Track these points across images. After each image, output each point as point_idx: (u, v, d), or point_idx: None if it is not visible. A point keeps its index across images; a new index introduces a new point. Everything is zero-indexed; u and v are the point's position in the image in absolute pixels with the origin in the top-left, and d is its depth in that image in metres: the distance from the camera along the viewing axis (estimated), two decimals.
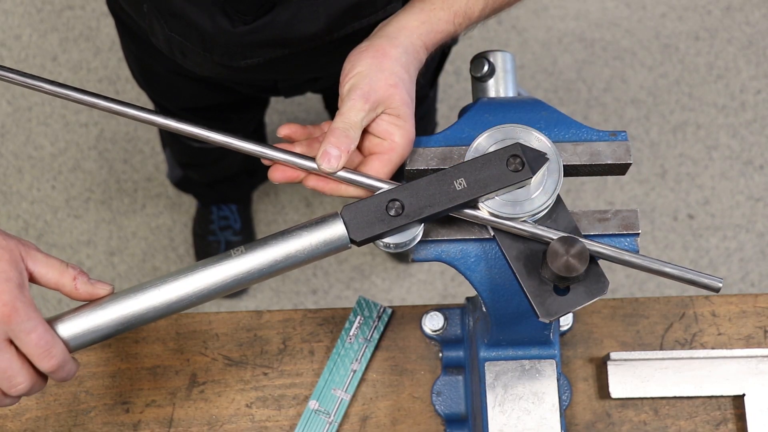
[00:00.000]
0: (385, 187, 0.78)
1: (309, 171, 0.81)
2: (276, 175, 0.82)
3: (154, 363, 1.03)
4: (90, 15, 2.27)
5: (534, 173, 0.76)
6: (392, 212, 0.76)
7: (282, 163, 0.81)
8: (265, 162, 0.83)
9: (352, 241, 0.77)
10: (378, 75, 0.80)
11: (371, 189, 0.79)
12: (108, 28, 2.26)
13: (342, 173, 0.79)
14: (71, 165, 2.16)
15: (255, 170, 1.98)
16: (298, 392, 1.02)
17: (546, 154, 0.77)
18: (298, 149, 0.83)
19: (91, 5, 2.28)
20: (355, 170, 0.80)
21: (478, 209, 0.78)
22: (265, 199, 2.14)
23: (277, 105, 2.19)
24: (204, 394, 1.02)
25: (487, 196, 0.76)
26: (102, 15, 2.27)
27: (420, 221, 0.77)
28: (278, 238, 0.76)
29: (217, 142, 0.82)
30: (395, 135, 0.80)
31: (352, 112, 0.79)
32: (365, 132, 0.81)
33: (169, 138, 1.73)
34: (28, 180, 2.15)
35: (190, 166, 1.81)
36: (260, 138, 1.82)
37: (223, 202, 2.04)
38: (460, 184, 0.76)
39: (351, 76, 0.81)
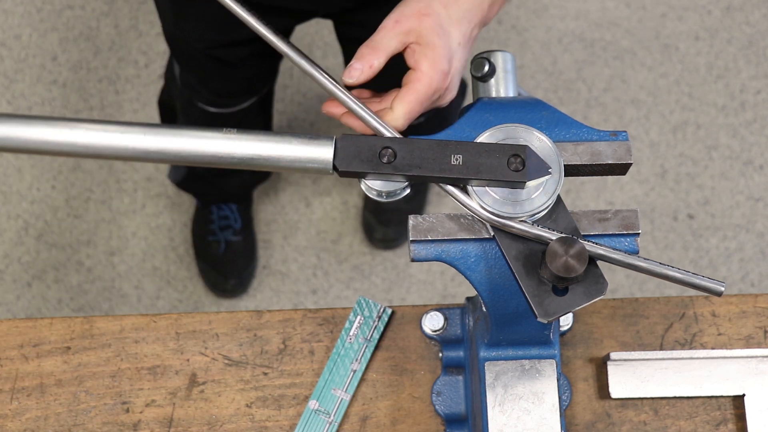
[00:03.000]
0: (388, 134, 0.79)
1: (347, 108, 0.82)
2: (329, 108, 0.84)
3: (154, 363, 1.03)
4: (90, 15, 2.27)
5: (529, 180, 0.76)
6: (384, 159, 0.76)
7: (321, 85, 0.81)
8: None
9: (335, 168, 0.77)
10: (412, 3, 0.82)
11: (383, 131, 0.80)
12: (108, 27, 2.26)
13: (362, 112, 0.79)
14: (71, 165, 2.16)
15: None
16: (298, 392, 1.02)
17: (549, 168, 0.77)
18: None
19: (91, 5, 2.28)
20: (375, 113, 0.81)
21: (467, 193, 0.78)
22: (265, 199, 2.14)
23: (277, 105, 2.19)
24: (204, 394, 1.02)
25: (477, 182, 0.77)
26: (102, 15, 2.27)
27: (405, 178, 0.77)
28: (270, 135, 0.77)
29: (275, 45, 0.81)
30: (423, 64, 0.81)
31: (380, 33, 0.81)
32: (407, 67, 0.83)
33: (182, 119, 1.71)
34: (28, 180, 2.15)
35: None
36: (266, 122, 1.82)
37: (224, 201, 2.04)
38: (457, 159, 0.76)
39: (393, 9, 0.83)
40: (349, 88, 0.83)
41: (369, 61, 0.81)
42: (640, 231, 0.81)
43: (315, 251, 2.10)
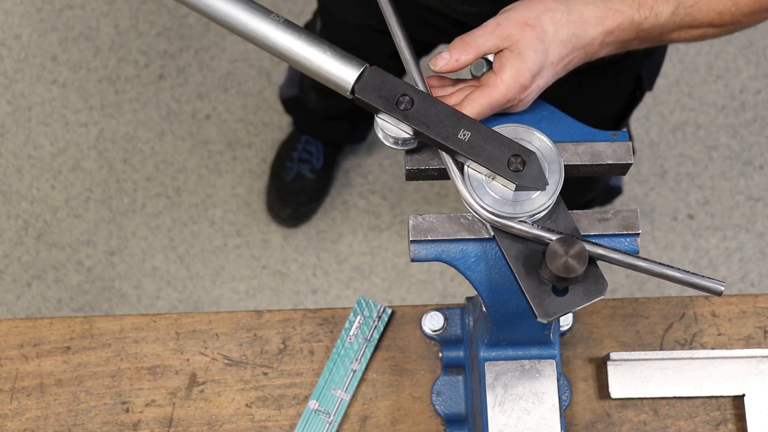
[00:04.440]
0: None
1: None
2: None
3: (154, 363, 1.03)
4: (90, 15, 2.27)
5: (522, 185, 0.76)
6: (401, 105, 0.78)
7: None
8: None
9: (353, 92, 0.79)
10: (521, 11, 0.81)
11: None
12: (108, 27, 2.26)
13: (412, 66, 0.81)
14: (71, 165, 2.16)
15: (358, 121, 1.96)
16: (298, 392, 1.02)
17: (546, 184, 0.77)
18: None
19: (91, 5, 2.28)
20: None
21: (461, 170, 0.78)
22: (265, 199, 2.14)
23: (277, 105, 2.19)
24: (204, 394, 1.02)
25: (474, 163, 0.77)
26: (102, 15, 2.27)
27: (412, 130, 0.78)
28: (310, 37, 0.80)
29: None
30: (505, 73, 0.80)
31: (479, 30, 0.81)
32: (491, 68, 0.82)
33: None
34: (27, 180, 2.15)
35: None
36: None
37: (314, 136, 2.05)
38: (464, 135, 0.77)
39: (504, 7, 0.82)
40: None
41: (457, 55, 0.80)
42: (640, 231, 0.81)
43: (315, 251, 2.10)
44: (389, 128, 0.79)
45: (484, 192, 0.78)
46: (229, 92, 2.21)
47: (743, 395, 0.99)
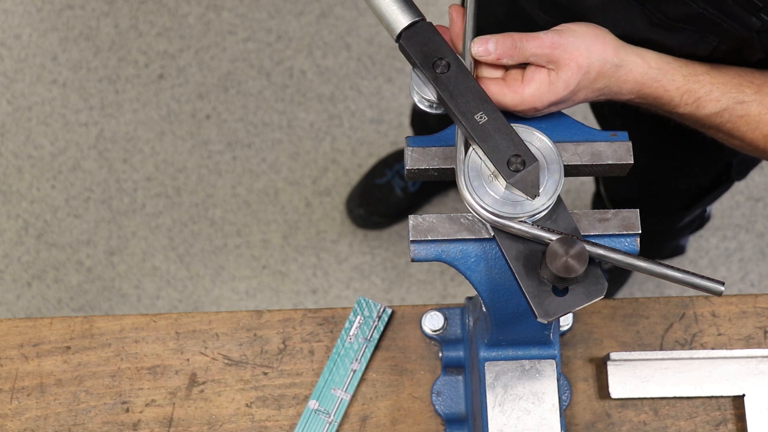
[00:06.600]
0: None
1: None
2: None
3: (154, 363, 1.03)
4: (90, 15, 2.27)
5: (510, 184, 0.76)
6: (438, 68, 0.79)
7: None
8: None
9: (399, 37, 0.80)
10: (580, 45, 0.80)
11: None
12: (108, 27, 2.26)
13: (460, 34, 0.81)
14: (71, 164, 2.16)
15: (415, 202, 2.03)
16: (298, 392, 1.02)
17: (536, 195, 0.77)
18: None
19: (91, 5, 2.28)
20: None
21: (465, 152, 0.79)
22: (265, 199, 2.14)
23: (277, 105, 2.19)
24: (204, 394, 1.02)
25: (476, 147, 0.78)
26: (102, 15, 2.27)
27: (435, 93, 0.79)
28: None
29: None
30: (529, 88, 0.79)
31: (534, 41, 0.79)
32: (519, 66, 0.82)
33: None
34: (27, 179, 2.15)
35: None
36: None
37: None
38: (481, 118, 0.78)
39: (571, 24, 0.81)
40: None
41: (501, 54, 0.79)
42: (640, 231, 0.80)
43: (315, 251, 2.10)
44: (426, 93, 0.80)
45: (484, 192, 0.78)
46: (229, 92, 2.21)
47: (743, 395, 0.99)
